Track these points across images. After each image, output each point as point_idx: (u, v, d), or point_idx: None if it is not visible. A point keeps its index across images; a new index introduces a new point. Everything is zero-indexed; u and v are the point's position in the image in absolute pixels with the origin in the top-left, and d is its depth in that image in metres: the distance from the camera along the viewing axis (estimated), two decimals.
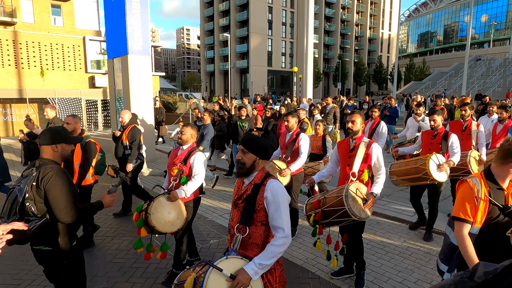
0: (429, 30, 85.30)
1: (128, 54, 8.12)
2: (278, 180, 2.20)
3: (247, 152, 2.17)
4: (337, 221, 3.18)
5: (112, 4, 8.71)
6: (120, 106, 8.98)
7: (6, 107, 19.29)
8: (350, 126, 3.42)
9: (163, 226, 3.25)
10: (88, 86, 20.66)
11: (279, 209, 2.07)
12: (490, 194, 2.10)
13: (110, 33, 9.17)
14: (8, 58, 17.87)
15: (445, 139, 4.43)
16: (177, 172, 3.52)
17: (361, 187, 3.20)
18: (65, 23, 29.63)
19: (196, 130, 3.74)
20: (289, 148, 4.57)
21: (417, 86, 43.30)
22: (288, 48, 61.47)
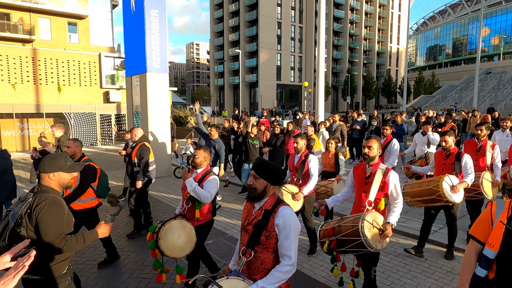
0: (438, 44, 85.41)
1: (146, 72, 8.37)
2: (289, 207, 2.20)
3: (259, 177, 2.17)
4: (352, 250, 3.14)
5: (131, 24, 9.04)
6: (137, 122, 9.19)
7: (23, 122, 19.77)
8: (367, 151, 3.33)
9: (171, 251, 3.29)
10: (103, 101, 21.14)
11: (289, 237, 2.08)
12: (509, 221, 1.95)
13: (128, 51, 9.47)
14: (27, 74, 18.45)
15: (458, 160, 4.36)
16: (189, 197, 3.54)
17: (377, 217, 3.11)
18: (80, 39, 30.55)
19: (209, 152, 3.77)
20: (299, 170, 4.54)
21: (427, 100, 43.14)
22: (297, 62, 62.07)
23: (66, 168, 2.40)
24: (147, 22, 8.22)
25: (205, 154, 3.66)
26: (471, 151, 5.09)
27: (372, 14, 71.57)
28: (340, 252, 3.24)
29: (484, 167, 4.96)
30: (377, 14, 71.79)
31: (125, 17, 9.40)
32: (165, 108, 8.73)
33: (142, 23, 8.29)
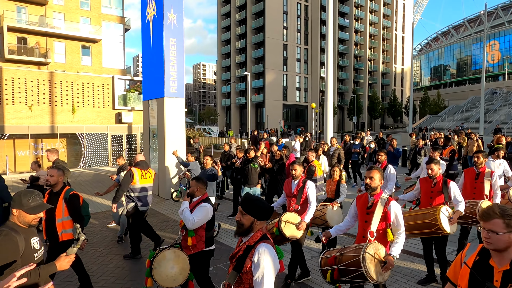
0: (442, 64, 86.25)
1: (164, 97, 8.79)
2: (270, 244, 2.21)
3: (246, 213, 2.21)
4: (353, 281, 3.10)
5: (149, 52, 9.55)
6: (154, 144, 9.55)
7: (37, 142, 20.30)
8: (369, 182, 3.32)
9: (164, 281, 3.29)
10: (115, 121, 21.68)
11: (262, 275, 2.09)
12: (476, 263, 1.91)
13: (146, 77, 9.95)
14: (44, 96, 19.12)
15: (446, 187, 4.32)
16: (184, 225, 3.59)
17: (379, 248, 3.10)
18: (93, 62, 31.60)
19: (202, 182, 3.78)
20: (298, 197, 4.51)
21: (433, 120, 43.32)
22: (302, 82, 63.02)
23: (28, 208, 2.37)
24: (166, 50, 8.71)
25: (196, 184, 3.70)
26: (470, 179, 5.13)
27: (376, 36, 72.93)
28: (341, 282, 3.21)
29: (483, 196, 4.90)
30: (381, 35, 73.15)
31: (143, 44, 9.93)
32: (181, 131, 9.10)
33: (161, 52, 8.78)
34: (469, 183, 5.15)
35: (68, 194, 3.97)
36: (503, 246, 1.83)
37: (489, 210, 1.84)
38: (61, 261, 2.41)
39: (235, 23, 63.63)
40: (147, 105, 9.93)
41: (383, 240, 3.24)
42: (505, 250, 1.83)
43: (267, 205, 2.29)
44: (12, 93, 18.18)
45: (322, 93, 63.40)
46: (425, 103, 60.68)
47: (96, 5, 31.61)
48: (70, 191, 4.01)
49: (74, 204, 3.94)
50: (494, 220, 1.81)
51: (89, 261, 5.48)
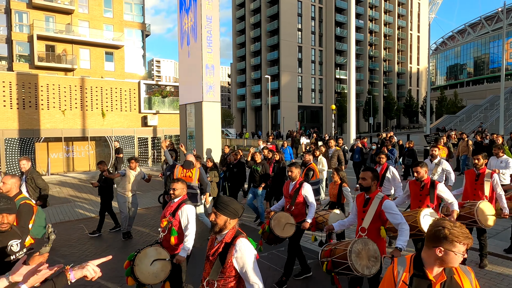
0: (458, 63, 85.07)
1: (202, 101, 9.49)
2: (245, 238, 2.41)
3: (219, 214, 2.38)
4: (344, 273, 3.26)
5: (187, 60, 10.29)
6: (191, 145, 10.26)
7: (69, 145, 21.39)
8: (360, 182, 3.49)
9: (146, 278, 3.33)
10: (141, 125, 22.62)
11: (250, 267, 2.30)
12: (411, 281, 1.84)
13: (183, 82, 10.68)
14: (75, 101, 20.17)
15: (433, 189, 4.35)
16: (166, 224, 3.64)
17: (369, 243, 3.21)
18: (116, 67, 32.79)
19: (185, 184, 3.91)
20: (293, 198, 4.61)
21: (451, 120, 43.02)
22: (317, 84, 63.32)
23: None
24: (204, 59, 9.42)
25: (182, 186, 3.83)
26: (470, 180, 5.13)
27: (391, 36, 72.66)
28: (336, 274, 3.34)
29: (483, 197, 4.87)
30: (396, 36, 72.83)
31: (180, 54, 10.70)
32: (217, 132, 9.79)
33: (200, 61, 9.50)
34: (470, 184, 5.14)
35: (19, 204, 3.68)
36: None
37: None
38: (35, 261, 2.37)
39: (250, 26, 64.45)
40: (184, 108, 10.66)
41: (377, 237, 3.36)
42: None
43: (238, 205, 2.46)
44: (47, 99, 19.27)
45: (337, 94, 63.58)
46: (442, 103, 60.12)
47: (119, 13, 32.81)
48: (22, 200, 3.74)
49: (21, 215, 3.59)
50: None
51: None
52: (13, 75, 18.60)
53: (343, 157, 9.92)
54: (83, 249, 6.34)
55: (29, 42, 29.07)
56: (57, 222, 8.10)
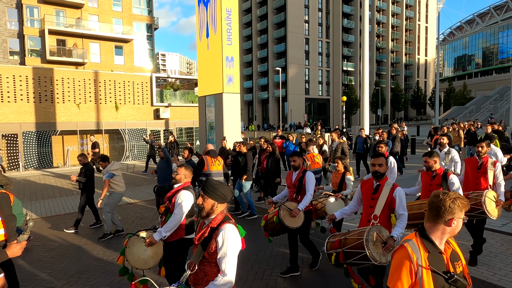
0: (466, 53, 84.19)
1: (223, 93, 9.70)
2: (233, 225, 2.30)
3: (207, 197, 2.31)
4: (357, 263, 3.18)
5: (206, 53, 10.48)
6: (211, 135, 10.50)
7: (83, 138, 21.77)
8: (377, 169, 3.42)
9: (135, 262, 3.31)
10: (153, 117, 22.91)
11: (225, 254, 2.20)
12: (430, 260, 1.80)
13: (203, 75, 10.88)
14: (90, 95, 20.48)
15: (445, 179, 4.20)
16: (164, 210, 3.60)
17: (382, 230, 3.19)
18: (126, 61, 33.04)
19: (191, 170, 3.78)
20: (298, 187, 4.60)
21: (460, 111, 42.83)
22: (324, 76, 63.14)
23: None
24: (224, 51, 9.60)
25: (185, 172, 3.70)
26: (472, 169, 4.91)
27: (399, 27, 71.97)
28: (347, 265, 3.29)
29: (487, 186, 4.69)
30: (404, 26, 72.12)
31: (199, 47, 10.89)
32: (237, 123, 10.02)
33: (220, 53, 9.69)
34: (471, 173, 4.92)
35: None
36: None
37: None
38: (12, 248, 2.41)
39: (256, 19, 64.21)
40: (203, 100, 10.88)
41: (387, 224, 3.34)
42: None
43: (227, 189, 2.39)
44: (62, 93, 19.60)
45: (345, 86, 63.35)
46: (450, 94, 59.71)
47: (127, 6, 32.96)
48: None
49: (1, 203, 3.69)
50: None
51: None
52: (29, 69, 18.92)
53: (347, 150, 9.80)
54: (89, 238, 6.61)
55: (40, 36, 29.35)
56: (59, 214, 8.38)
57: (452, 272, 1.79)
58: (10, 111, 18.08)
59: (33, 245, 6.15)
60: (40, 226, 7.24)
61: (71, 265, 5.27)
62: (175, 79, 26.96)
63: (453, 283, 1.78)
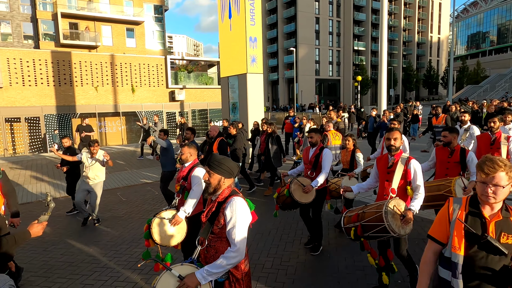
0: (481, 30, 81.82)
1: (247, 73, 9.88)
2: (241, 197, 2.27)
3: (213, 173, 2.27)
4: (376, 235, 3.22)
5: (228, 33, 10.61)
6: (234, 116, 10.75)
7: (101, 120, 22.23)
8: (393, 143, 3.40)
9: (162, 240, 3.41)
10: (169, 100, 23.20)
11: (234, 226, 2.16)
12: (466, 218, 1.86)
13: (225, 56, 11.04)
14: (107, 78, 20.78)
15: (463, 157, 4.08)
16: (179, 189, 3.72)
17: (400, 203, 3.21)
18: (137, 44, 33.05)
19: (194, 148, 3.89)
20: (314, 164, 4.55)
21: (474, 90, 42.14)
22: (335, 56, 62.30)
23: None
24: (248, 31, 9.72)
25: (189, 150, 3.82)
26: (484, 145, 4.82)
27: (412, 4, 70.06)
28: (365, 238, 3.31)
29: None
30: (417, 3, 70.18)
31: (220, 28, 11.00)
32: (261, 103, 10.24)
33: (243, 33, 9.81)
34: (484, 149, 4.80)
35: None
36: (504, 198, 1.82)
37: (493, 164, 1.80)
38: (34, 228, 2.48)
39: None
40: (226, 80, 11.07)
41: (403, 197, 3.37)
42: (500, 201, 1.84)
43: (233, 163, 2.35)
44: (80, 76, 19.93)
45: (355, 66, 62.52)
46: (463, 73, 58.57)
47: None
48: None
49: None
50: (499, 173, 1.78)
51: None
52: (48, 53, 19.22)
53: (344, 125, 9.93)
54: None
55: (53, 20, 29.47)
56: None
57: (487, 235, 1.77)
58: (32, 94, 18.52)
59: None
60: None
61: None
62: (188, 61, 27.05)
63: (485, 245, 1.78)
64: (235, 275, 2.25)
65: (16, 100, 18.08)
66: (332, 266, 4.33)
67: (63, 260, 4.96)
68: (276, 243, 5.11)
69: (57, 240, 5.72)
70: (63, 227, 6.34)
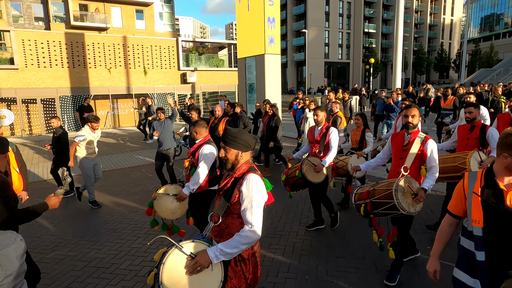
0: (495, 12, 79.55)
1: (265, 54, 9.95)
2: (258, 174, 2.18)
3: (229, 148, 2.18)
4: (385, 213, 3.23)
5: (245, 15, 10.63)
6: (251, 97, 10.87)
7: (113, 102, 22.46)
8: (411, 120, 3.35)
9: (163, 212, 3.50)
10: (180, 82, 23.29)
11: (251, 205, 2.07)
12: (482, 191, 1.88)
13: (242, 37, 11.08)
14: (119, 59, 20.88)
15: (483, 133, 4.07)
16: (188, 164, 3.77)
17: (412, 182, 3.20)
18: (147, 25, 32.91)
19: (201, 126, 3.88)
20: (321, 142, 4.55)
21: (487, 73, 41.44)
22: (344, 39, 61.36)
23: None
24: (266, 12, 9.73)
25: (198, 128, 3.84)
26: (504, 124, 4.82)
27: None
28: (374, 215, 3.32)
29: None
30: None
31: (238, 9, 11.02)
32: (278, 84, 10.34)
33: (261, 14, 9.82)
34: (503, 129, 4.78)
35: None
36: None
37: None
38: (51, 200, 2.62)
39: None
40: (243, 61, 11.15)
41: (416, 176, 3.35)
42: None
43: (249, 135, 2.25)
44: (93, 58, 20.05)
45: (365, 49, 61.56)
46: (475, 56, 57.35)
47: None
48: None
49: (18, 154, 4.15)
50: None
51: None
52: (61, 35, 19.33)
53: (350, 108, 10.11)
54: None
55: (63, 1, 29.41)
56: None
57: (504, 205, 1.79)
58: (47, 76, 18.74)
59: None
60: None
61: None
62: (199, 43, 26.97)
63: (503, 215, 1.78)
64: (241, 254, 2.14)
65: (32, 82, 18.33)
66: (340, 244, 4.39)
67: (107, 227, 5.31)
68: (283, 221, 5.17)
69: (103, 209, 6.04)
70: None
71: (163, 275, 1.91)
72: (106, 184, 7.65)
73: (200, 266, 1.97)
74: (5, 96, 17.62)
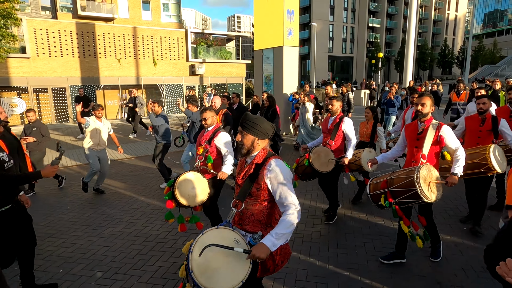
0: (498, 8, 79.27)
1: (283, 46, 10.10)
2: (280, 159, 2.21)
3: (246, 133, 2.19)
4: (405, 201, 3.22)
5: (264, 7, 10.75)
6: (268, 89, 11.04)
7: (122, 93, 22.57)
8: (420, 108, 3.36)
9: (186, 200, 3.47)
10: (189, 73, 23.40)
11: (285, 186, 2.11)
12: None
13: (260, 28, 11.21)
14: (129, 50, 20.97)
15: (495, 125, 4.03)
16: (202, 151, 3.81)
17: (431, 169, 3.21)
18: (153, 16, 32.84)
19: (214, 112, 3.97)
20: (333, 132, 4.49)
21: (491, 70, 41.55)
22: (349, 33, 61.22)
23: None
24: (286, 4, 9.86)
25: (211, 114, 3.91)
26: (504, 117, 4.64)
27: None
28: (395, 205, 3.29)
29: None
30: None
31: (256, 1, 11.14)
32: (295, 76, 10.50)
33: (281, 6, 9.95)
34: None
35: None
36: None
37: None
38: (46, 169, 2.73)
39: None
40: (260, 53, 11.30)
41: (434, 164, 3.36)
42: None
43: (268, 124, 2.24)
44: (104, 48, 20.13)
45: (370, 43, 61.47)
46: (479, 52, 57.31)
47: None
48: None
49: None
50: None
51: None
52: (72, 24, 19.40)
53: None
54: None
55: None
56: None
57: None
58: (58, 65, 18.84)
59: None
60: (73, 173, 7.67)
61: None
62: (208, 34, 27.00)
63: None
64: None
65: (43, 71, 18.43)
66: (345, 237, 4.38)
67: (140, 212, 5.50)
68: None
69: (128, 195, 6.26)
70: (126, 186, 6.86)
71: (192, 264, 1.92)
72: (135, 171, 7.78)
73: (259, 259, 1.95)
74: (16, 84, 17.74)
